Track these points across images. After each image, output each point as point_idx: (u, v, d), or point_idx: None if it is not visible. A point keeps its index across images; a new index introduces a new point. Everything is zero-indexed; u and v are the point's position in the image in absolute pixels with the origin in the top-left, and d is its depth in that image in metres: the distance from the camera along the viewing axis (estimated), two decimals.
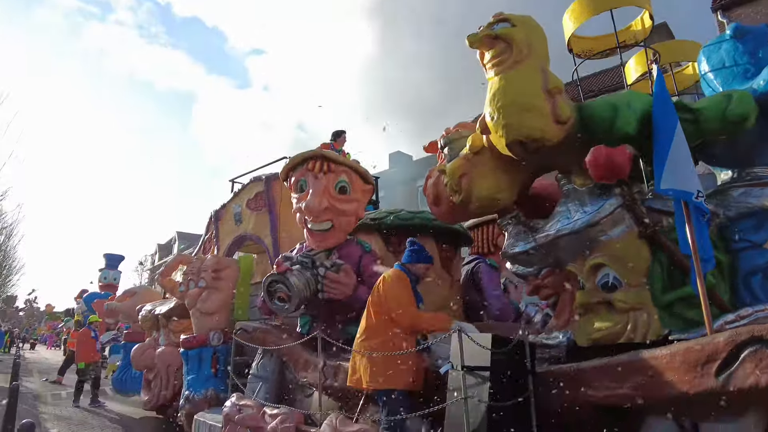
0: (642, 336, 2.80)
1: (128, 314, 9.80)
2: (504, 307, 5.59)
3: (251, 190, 6.98)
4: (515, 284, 6.57)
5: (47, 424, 8.22)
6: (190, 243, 47.94)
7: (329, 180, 4.68)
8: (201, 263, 6.43)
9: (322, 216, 4.66)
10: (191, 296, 6.52)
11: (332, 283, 4.47)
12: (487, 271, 5.87)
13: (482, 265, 5.91)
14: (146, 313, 8.06)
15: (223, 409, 4.54)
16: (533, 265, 3.66)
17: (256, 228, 6.88)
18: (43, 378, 14.03)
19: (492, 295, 5.64)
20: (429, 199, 4.16)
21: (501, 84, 2.90)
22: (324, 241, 4.77)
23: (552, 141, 2.88)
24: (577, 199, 3.21)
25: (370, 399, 3.77)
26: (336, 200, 4.69)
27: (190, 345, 6.29)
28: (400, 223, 5.07)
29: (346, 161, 4.74)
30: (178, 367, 7.30)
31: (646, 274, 2.94)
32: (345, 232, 4.87)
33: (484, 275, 5.82)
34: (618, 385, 2.33)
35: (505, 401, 2.51)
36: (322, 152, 4.67)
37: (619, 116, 2.76)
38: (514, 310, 5.80)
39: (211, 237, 7.89)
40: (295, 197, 4.86)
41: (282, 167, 4.99)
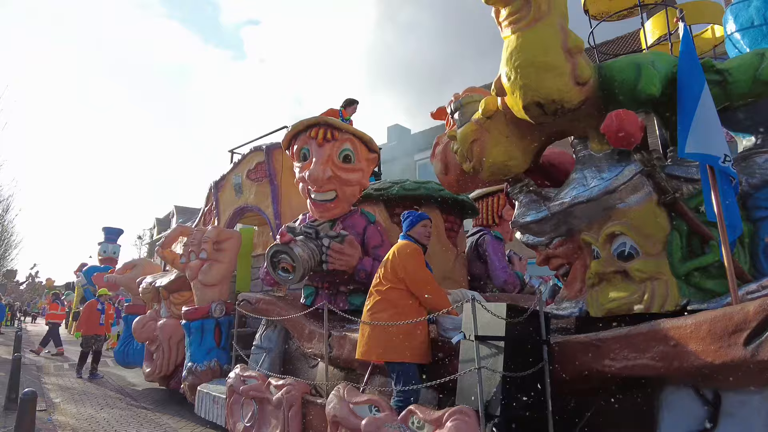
0: (659, 306, 2.72)
1: (128, 286, 9.76)
2: (509, 278, 5.53)
3: (251, 161, 6.82)
4: (519, 256, 6.51)
5: (51, 394, 8.27)
6: (188, 217, 47.88)
7: (333, 148, 4.54)
8: (202, 235, 6.33)
9: (325, 185, 4.53)
10: (192, 268, 6.44)
11: (336, 254, 4.38)
12: (492, 243, 5.79)
13: (487, 236, 5.83)
14: (147, 286, 8.01)
15: (227, 380, 4.51)
16: (545, 234, 3.56)
17: (257, 199, 6.75)
18: (45, 351, 14.11)
19: (497, 267, 5.57)
20: (437, 168, 4.03)
21: (518, 42, 2.74)
22: (328, 211, 4.65)
23: (571, 103, 2.74)
24: (593, 166, 3.08)
25: (376, 370, 3.72)
26: (340, 169, 4.56)
27: (192, 317, 6.24)
28: (405, 193, 4.96)
29: (351, 128, 4.58)
30: (180, 339, 7.29)
31: (665, 242, 2.84)
32: (349, 203, 4.75)
33: (489, 247, 5.75)
34: (638, 355, 2.26)
35: (519, 371, 2.44)
36: (326, 119, 4.51)
37: (642, 76, 2.62)
38: (519, 282, 5.75)
39: (211, 208, 7.76)
40: (298, 166, 4.73)
41: (284, 136, 4.83)
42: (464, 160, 3.48)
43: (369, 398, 3.00)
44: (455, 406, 2.57)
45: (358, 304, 4.73)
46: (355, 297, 4.74)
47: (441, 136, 4.13)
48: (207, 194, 7.87)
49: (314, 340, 4.35)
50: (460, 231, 5.56)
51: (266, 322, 5.03)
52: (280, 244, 4.27)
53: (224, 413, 4.62)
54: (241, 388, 4.10)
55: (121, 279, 9.84)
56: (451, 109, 3.68)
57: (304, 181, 4.64)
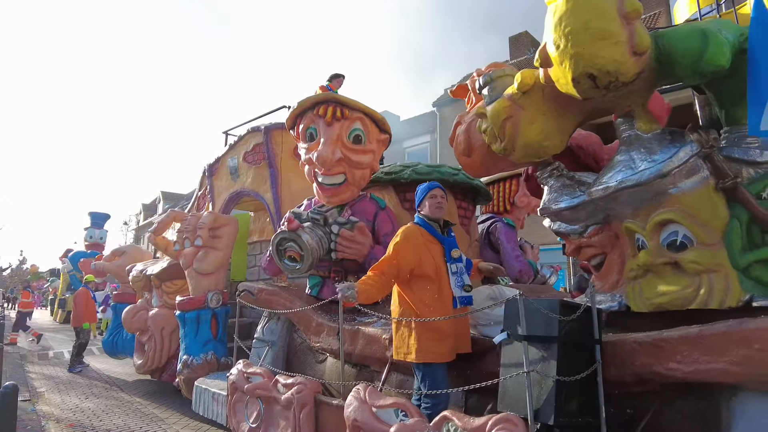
0: (719, 302, 2.46)
1: (117, 274, 9.36)
2: (524, 268, 5.28)
3: (249, 142, 6.45)
4: (531, 245, 6.26)
5: (35, 383, 7.92)
6: (174, 203, 47.23)
7: (343, 128, 4.20)
8: (197, 221, 5.97)
9: (334, 168, 4.20)
10: (187, 255, 6.09)
11: (346, 242, 4.08)
12: (505, 231, 5.53)
13: (499, 224, 5.56)
14: (137, 274, 7.63)
15: (229, 376, 4.21)
16: (579, 222, 3.28)
17: (254, 183, 6.39)
18: (29, 339, 13.67)
19: (511, 256, 5.31)
20: (458, 149, 3.72)
21: (569, 6, 2.43)
22: (336, 195, 4.33)
23: (626, 75, 2.44)
24: (642, 147, 2.80)
25: (393, 367, 3.45)
26: (350, 150, 4.23)
27: (187, 307, 5.91)
28: (417, 177, 4.64)
29: (362, 106, 4.23)
30: (173, 329, 6.98)
31: (723, 231, 2.58)
32: (359, 187, 4.43)
33: (502, 235, 5.48)
34: (712, 359, 2.00)
35: (572, 374, 2.18)
36: (335, 96, 4.16)
37: (710, 45, 2.32)
38: (534, 272, 5.51)
39: (205, 193, 7.39)
40: (304, 147, 4.39)
41: (289, 113, 4.47)
42: (494, 139, 3.17)
43: (395, 401, 2.72)
44: (497, 412, 2.30)
45: None
46: None
47: (463, 115, 3.82)
48: (200, 178, 7.48)
49: (323, 333, 4.05)
50: (473, 218, 5.28)
51: (269, 313, 4.72)
52: (287, 231, 3.95)
53: (225, 411, 4.33)
54: (245, 386, 3.80)
55: (110, 266, 9.44)
56: (479, 84, 3.35)
57: (311, 163, 4.30)
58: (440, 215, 3.17)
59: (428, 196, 3.16)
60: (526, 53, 22.53)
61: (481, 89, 3.35)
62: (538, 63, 2.69)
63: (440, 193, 3.17)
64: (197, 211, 7.49)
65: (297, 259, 3.99)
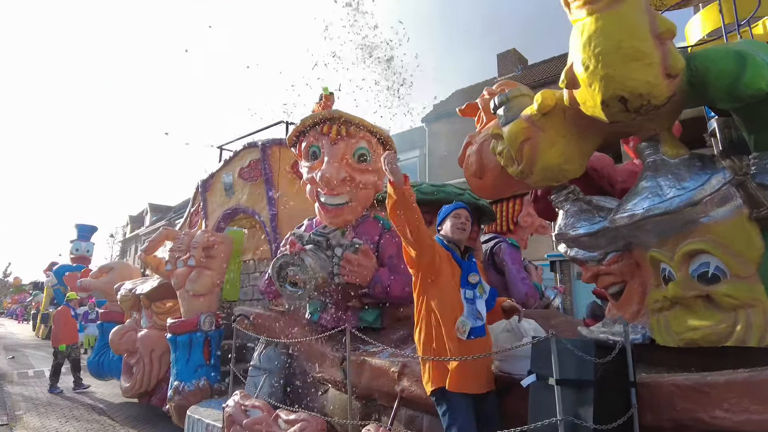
0: (757, 339, 2.31)
1: (104, 292, 9.05)
2: (531, 291, 5.11)
3: (245, 158, 6.26)
4: (535, 265, 6.11)
5: (14, 406, 7.56)
6: (162, 215, 46.73)
7: (347, 146, 4.04)
8: (190, 239, 5.75)
9: (339, 188, 4.02)
10: (179, 276, 5.86)
11: (350, 266, 3.89)
12: (510, 252, 5.37)
13: (503, 244, 5.40)
14: (126, 292, 7.35)
15: (225, 408, 3.96)
16: (598, 249, 3.13)
17: (250, 200, 6.19)
18: (9, 356, 13.18)
19: (517, 278, 5.15)
20: (469, 170, 3.56)
21: (599, 25, 2.30)
22: (339, 216, 4.15)
23: (659, 99, 2.31)
24: (669, 173, 2.66)
25: (404, 402, 3.24)
26: (355, 170, 4.06)
27: (179, 330, 5.66)
28: (422, 197, 4.46)
29: (367, 124, 4.08)
30: (163, 352, 6.71)
31: (758, 263, 2.44)
32: (363, 207, 4.26)
33: (507, 256, 5.32)
34: (766, 409, 1.83)
35: (608, 421, 2.00)
36: (340, 113, 4.00)
37: (748, 68, 2.19)
38: (540, 295, 5.35)
39: (198, 209, 7.16)
40: (306, 166, 4.21)
41: (291, 130, 4.30)
42: (511, 162, 3.02)
43: None
44: None
45: (370, 321, 4.25)
46: (368, 313, 4.26)
47: (473, 135, 3.67)
48: (194, 194, 7.26)
49: (325, 363, 3.84)
50: (478, 239, 5.12)
51: (266, 339, 4.49)
52: (288, 255, 3.75)
53: None
54: (243, 420, 3.57)
55: (97, 283, 9.11)
56: (494, 104, 3.21)
57: (314, 182, 4.12)
58: (461, 237, 2.99)
59: (451, 215, 3.00)
60: (514, 70, 22.74)
61: (496, 109, 3.21)
62: (564, 84, 2.55)
63: (465, 214, 3.00)
64: (190, 228, 7.26)
65: (299, 285, 3.79)
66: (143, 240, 47.34)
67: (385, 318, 4.33)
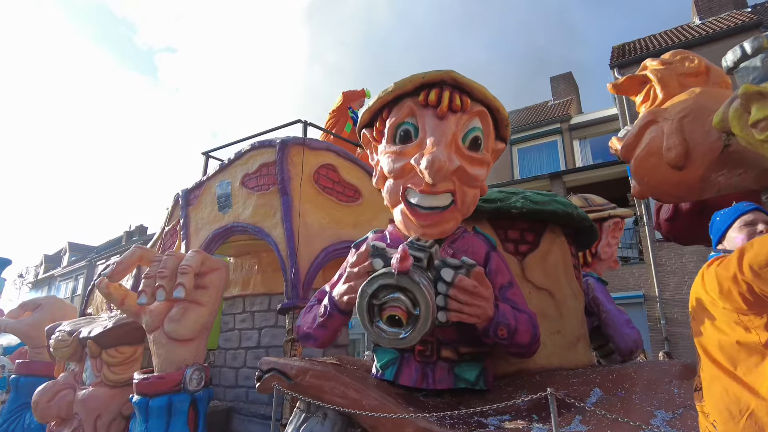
0: None
1: (27, 335, 6.95)
2: (639, 337, 4.01)
3: (252, 161, 4.85)
4: None
5: None
6: (82, 255, 42.53)
7: (458, 124, 2.83)
8: (176, 262, 4.17)
9: (444, 184, 2.78)
10: (155, 313, 4.24)
11: (467, 296, 2.59)
12: (602, 290, 4.28)
13: (591, 280, 4.31)
14: (63, 336, 5.47)
15: None
16: None
17: (256, 215, 4.74)
18: None
19: (621, 322, 4.03)
20: (667, 157, 2.46)
21: None
22: (438, 225, 2.86)
23: None
24: None
25: None
26: (466, 159, 2.84)
27: (153, 389, 4.00)
28: (532, 207, 3.32)
29: (488, 93, 2.90)
30: (113, 418, 4.96)
31: None
32: (466, 214, 3.01)
33: (601, 294, 4.22)
34: None
35: None
36: (454, 74, 2.81)
37: None
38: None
39: (175, 228, 5.56)
40: (391, 151, 2.92)
41: (371, 102, 3.03)
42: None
43: None
44: None
45: (471, 381, 2.93)
46: (467, 368, 2.94)
47: (657, 111, 2.60)
48: (170, 209, 5.67)
49: None
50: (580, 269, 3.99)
51: (307, 407, 3.02)
52: (392, 274, 2.41)
53: None
54: None
55: (17, 325, 6.99)
56: (738, 56, 2.15)
57: (404, 174, 2.85)
58: None
59: (739, 222, 1.83)
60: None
61: (740, 63, 2.16)
62: None
63: (761, 218, 1.82)
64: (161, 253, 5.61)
65: (403, 321, 2.43)
66: (58, 282, 42.53)
67: (486, 375, 3.04)
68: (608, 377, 2.83)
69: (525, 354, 2.89)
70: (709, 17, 20.42)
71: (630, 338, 3.90)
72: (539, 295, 3.37)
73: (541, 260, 3.41)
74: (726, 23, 18.17)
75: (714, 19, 19.63)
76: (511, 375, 3.22)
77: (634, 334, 3.93)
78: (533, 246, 3.44)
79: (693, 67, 2.65)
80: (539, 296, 3.37)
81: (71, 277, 41.28)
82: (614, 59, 19.03)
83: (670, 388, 2.54)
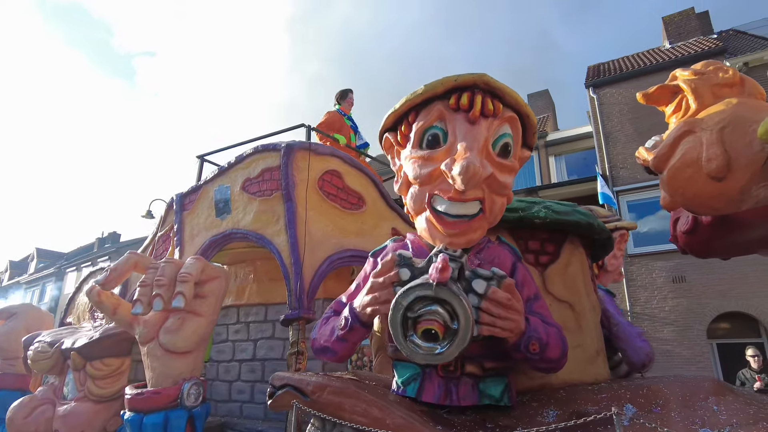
0: None
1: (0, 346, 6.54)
2: (651, 349, 3.97)
3: (254, 165, 4.68)
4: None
5: None
6: (51, 262, 41.17)
7: (489, 130, 2.73)
8: (175, 270, 3.96)
9: (474, 191, 2.67)
10: (150, 323, 4.01)
11: (500, 310, 2.48)
12: (611, 302, 4.24)
13: (600, 292, 4.26)
14: (43, 347, 5.15)
15: None
16: None
17: (257, 222, 4.56)
18: None
19: (633, 334, 3.98)
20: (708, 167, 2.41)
21: None
22: (465, 234, 2.74)
23: None
24: None
25: None
26: (496, 166, 2.74)
27: (147, 405, 3.75)
28: (555, 218, 3.25)
29: (520, 99, 2.82)
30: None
31: None
32: (493, 223, 2.91)
33: (611, 306, 4.18)
34: None
35: None
36: (487, 78, 2.72)
37: None
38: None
39: (169, 234, 5.32)
40: (418, 156, 2.81)
41: (397, 105, 2.91)
42: None
43: None
44: None
45: (497, 397, 2.80)
46: (491, 384, 2.82)
47: (694, 122, 2.55)
48: (164, 213, 5.43)
49: None
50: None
51: (323, 424, 2.86)
52: (430, 285, 2.28)
53: None
54: None
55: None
56: None
57: (431, 179, 2.74)
58: None
59: None
60: None
61: None
62: None
63: None
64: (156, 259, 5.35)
65: (439, 336, 2.30)
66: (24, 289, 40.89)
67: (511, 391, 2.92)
68: (638, 392, 2.74)
69: (554, 369, 2.79)
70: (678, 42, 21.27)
71: (643, 351, 3.85)
72: (560, 307, 3.29)
73: (562, 272, 3.34)
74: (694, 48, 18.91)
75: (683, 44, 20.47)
76: (533, 390, 3.11)
77: (647, 347, 3.88)
78: (554, 257, 3.36)
79: (728, 78, 2.64)
80: (560, 309, 3.28)
81: (38, 284, 39.82)
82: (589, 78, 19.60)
83: (707, 404, 2.47)
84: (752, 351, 9.03)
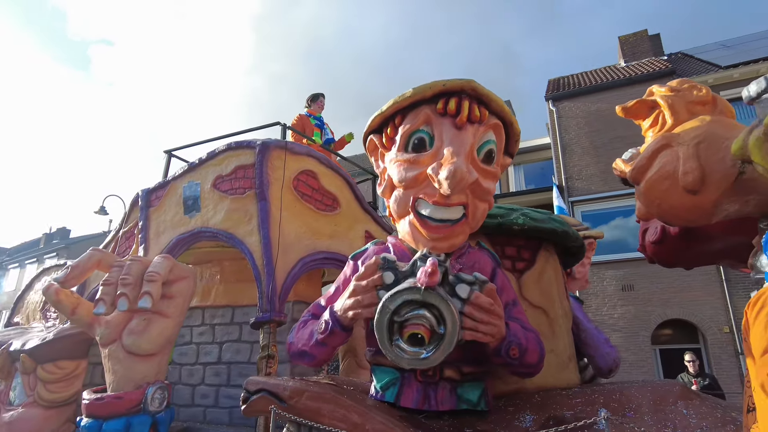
0: None
1: None
2: (617, 355, 4.10)
3: (226, 162, 4.54)
4: None
5: None
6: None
7: (475, 135, 2.75)
8: (142, 268, 3.78)
9: (458, 196, 2.68)
10: (112, 324, 3.82)
11: (482, 314, 2.49)
12: (579, 309, 4.36)
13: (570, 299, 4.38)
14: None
15: None
16: None
17: (228, 220, 4.43)
18: None
19: (600, 340, 4.11)
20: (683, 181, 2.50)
21: None
22: (448, 238, 2.75)
23: None
24: None
25: None
26: (481, 171, 2.76)
27: (107, 411, 3.57)
28: (532, 224, 3.30)
29: (504, 106, 2.85)
30: None
31: None
32: (474, 228, 2.93)
33: (579, 312, 4.30)
34: None
35: None
36: (474, 84, 2.74)
37: None
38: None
39: (133, 231, 5.09)
40: (404, 159, 2.80)
41: (383, 108, 2.89)
42: None
43: None
44: None
45: (474, 402, 2.82)
46: (469, 389, 2.83)
47: (671, 136, 2.65)
48: (128, 209, 5.19)
49: None
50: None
51: (301, 429, 2.79)
52: (418, 289, 2.27)
53: None
54: None
55: None
56: (751, 93, 2.24)
57: (416, 183, 2.73)
58: None
59: None
60: None
61: (763, 93, 2.25)
62: None
63: None
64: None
65: (426, 340, 2.28)
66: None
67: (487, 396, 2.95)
68: (611, 397, 2.82)
69: (532, 374, 2.82)
70: (632, 61, 22.33)
71: (610, 357, 3.97)
72: (535, 313, 3.34)
73: (538, 278, 3.40)
74: (646, 68, 19.88)
75: (637, 63, 21.51)
76: (508, 395, 3.14)
77: (614, 353, 4.01)
78: (530, 264, 3.42)
79: (701, 96, 2.76)
80: (535, 314, 3.34)
81: None
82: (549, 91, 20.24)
83: (677, 408, 2.56)
84: (689, 356, 9.50)
